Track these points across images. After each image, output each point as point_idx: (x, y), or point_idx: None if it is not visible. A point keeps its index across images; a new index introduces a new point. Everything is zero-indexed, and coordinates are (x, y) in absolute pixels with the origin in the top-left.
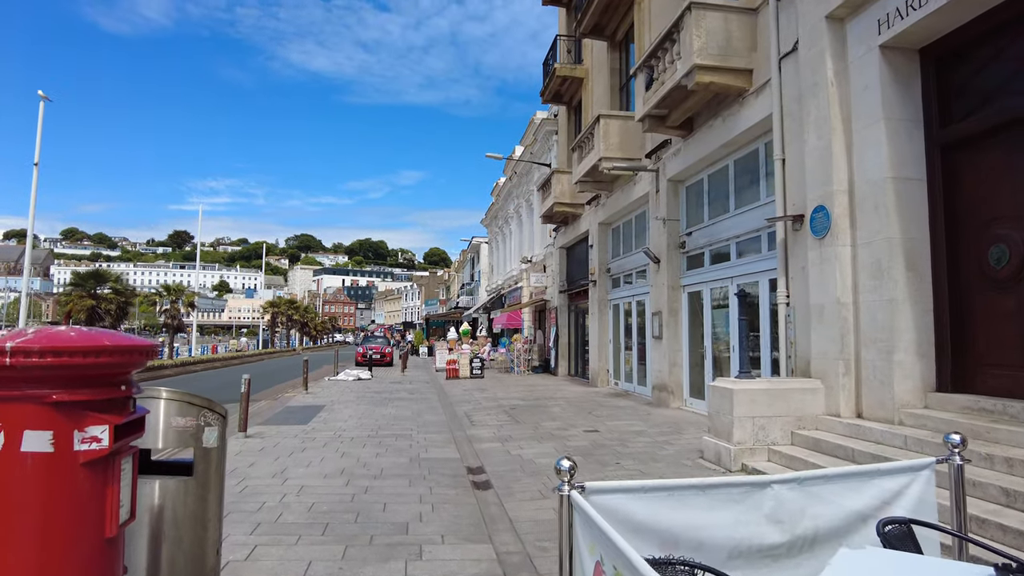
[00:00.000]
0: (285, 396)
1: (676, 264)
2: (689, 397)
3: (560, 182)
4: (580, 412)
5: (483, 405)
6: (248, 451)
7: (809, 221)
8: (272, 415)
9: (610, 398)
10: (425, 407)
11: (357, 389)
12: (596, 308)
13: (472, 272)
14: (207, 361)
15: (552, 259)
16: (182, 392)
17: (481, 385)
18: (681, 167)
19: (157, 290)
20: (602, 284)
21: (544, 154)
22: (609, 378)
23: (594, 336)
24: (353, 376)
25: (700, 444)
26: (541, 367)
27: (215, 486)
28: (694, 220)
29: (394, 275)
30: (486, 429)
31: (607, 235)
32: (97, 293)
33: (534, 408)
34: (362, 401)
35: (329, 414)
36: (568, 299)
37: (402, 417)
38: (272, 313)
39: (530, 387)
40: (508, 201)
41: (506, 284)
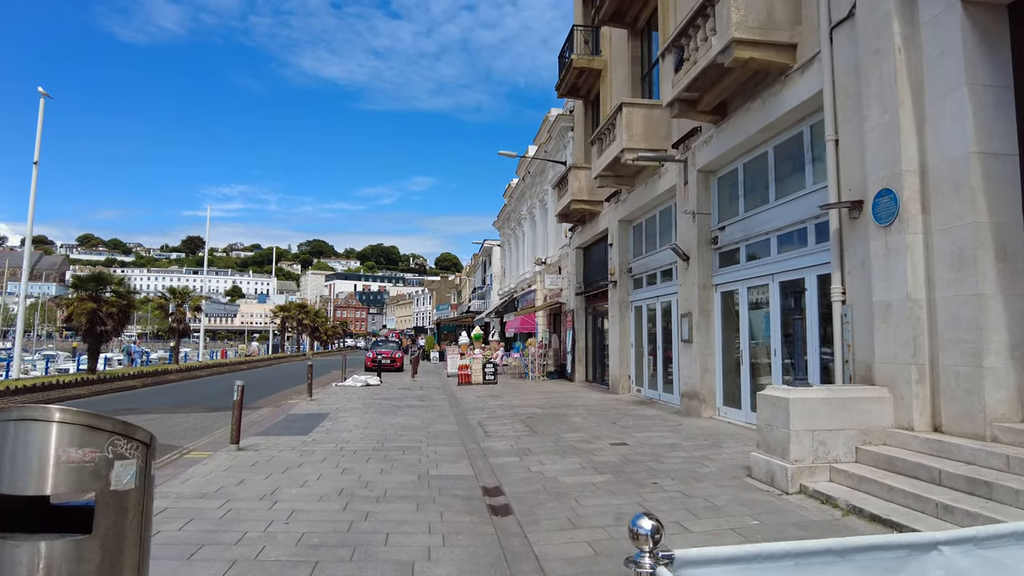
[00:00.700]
0: (288, 403)
1: (707, 261)
2: (723, 406)
3: (577, 178)
4: (603, 422)
5: (497, 414)
6: (239, 467)
7: (871, 207)
8: (271, 424)
9: (634, 406)
10: (436, 415)
11: (365, 396)
12: (616, 310)
13: (484, 276)
14: (214, 366)
15: (568, 260)
16: (83, 413)
17: (494, 392)
18: (713, 156)
19: (163, 294)
20: (623, 285)
21: (559, 152)
22: (631, 385)
23: (614, 340)
24: (361, 382)
25: (745, 460)
26: (556, 373)
27: (131, 546)
28: (727, 213)
29: (406, 280)
30: (502, 441)
31: (628, 233)
32: (99, 296)
33: (553, 417)
34: (369, 409)
35: (333, 423)
36: (585, 301)
37: (411, 427)
38: (282, 318)
39: (546, 394)
40: (521, 202)
41: (519, 287)
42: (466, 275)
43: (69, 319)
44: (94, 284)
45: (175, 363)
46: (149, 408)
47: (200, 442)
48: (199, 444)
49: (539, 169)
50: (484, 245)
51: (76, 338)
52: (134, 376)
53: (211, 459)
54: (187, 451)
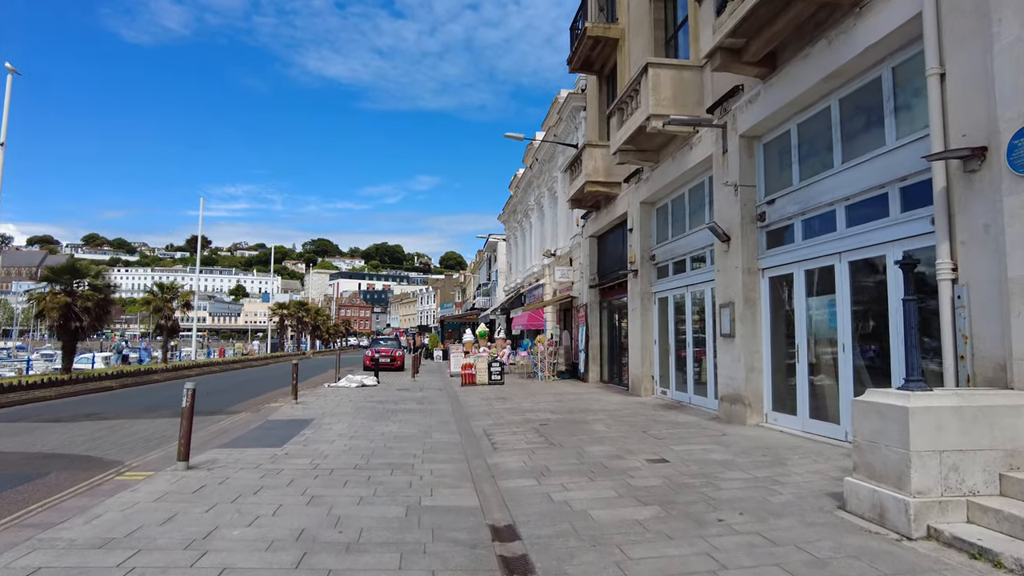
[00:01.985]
0: (270, 407)
1: (752, 242)
2: (772, 411)
3: (592, 157)
4: (632, 431)
5: (506, 419)
6: (177, 494)
7: (1006, 153)
8: (243, 433)
9: (662, 411)
10: (435, 422)
11: (357, 398)
12: (637, 303)
13: (489, 272)
14: (204, 365)
15: (580, 250)
16: None
17: (502, 393)
18: (759, 117)
19: (151, 289)
20: (645, 274)
21: (570, 135)
22: (654, 386)
23: (635, 336)
24: (356, 382)
25: (828, 484)
26: (568, 372)
27: None
28: (777, 184)
29: (410, 279)
30: (513, 456)
31: (651, 216)
32: (73, 290)
33: (571, 425)
34: (359, 414)
35: (314, 432)
36: (599, 295)
37: (405, 436)
38: (281, 316)
39: (559, 396)
40: (528, 192)
41: (526, 282)
42: (470, 272)
43: (41, 315)
44: (68, 277)
45: (163, 362)
46: (113, 412)
47: (148, 457)
48: (145, 460)
49: (548, 155)
50: (489, 240)
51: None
52: (113, 376)
53: (146, 483)
54: (124, 470)
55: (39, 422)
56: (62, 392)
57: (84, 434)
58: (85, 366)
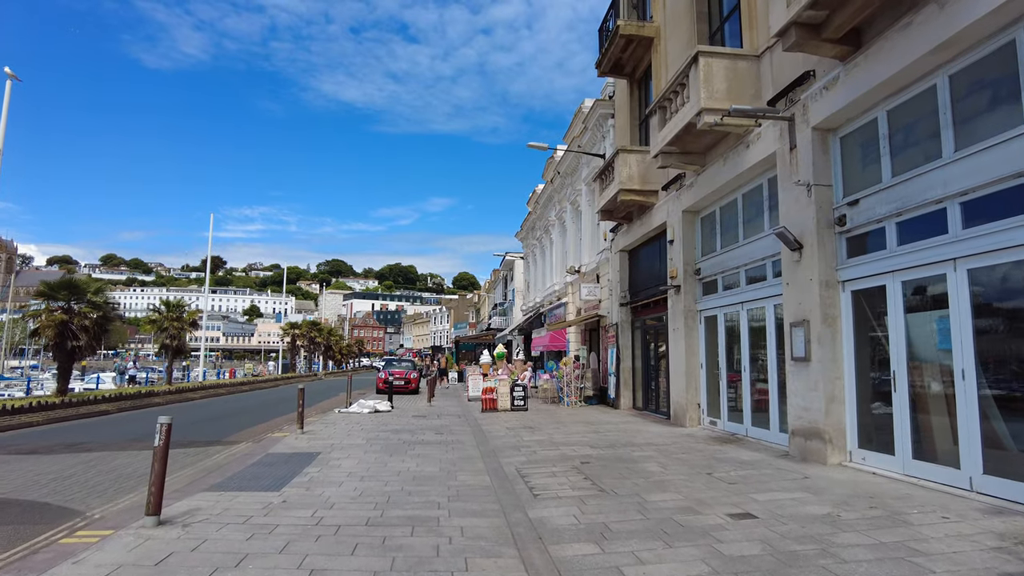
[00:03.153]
0: (273, 437)
1: (829, 250)
2: (859, 449)
3: (627, 164)
4: (694, 473)
5: (540, 455)
6: (133, 567)
7: None
8: (237, 471)
9: (717, 446)
10: (458, 457)
11: (370, 427)
12: (680, 322)
13: (505, 291)
14: (210, 387)
15: (609, 266)
16: None
17: (528, 421)
18: (839, 105)
19: (155, 307)
20: (688, 290)
21: (596, 145)
22: (701, 416)
23: (677, 359)
24: (369, 408)
25: (998, 562)
26: (596, 397)
27: None
28: (860, 182)
29: (423, 299)
30: (559, 507)
31: (694, 226)
32: (71, 307)
33: (618, 463)
34: (373, 446)
35: (320, 470)
36: (631, 313)
37: (425, 477)
38: (293, 335)
39: (593, 426)
40: (548, 208)
41: (546, 301)
42: (485, 292)
43: (36, 333)
44: (65, 293)
45: (168, 384)
46: (98, 442)
47: (117, 505)
48: (110, 511)
49: (571, 168)
50: (505, 258)
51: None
52: (110, 399)
53: (97, 549)
54: (79, 525)
55: (11, 454)
56: (52, 417)
57: (53, 471)
58: (94, 386)
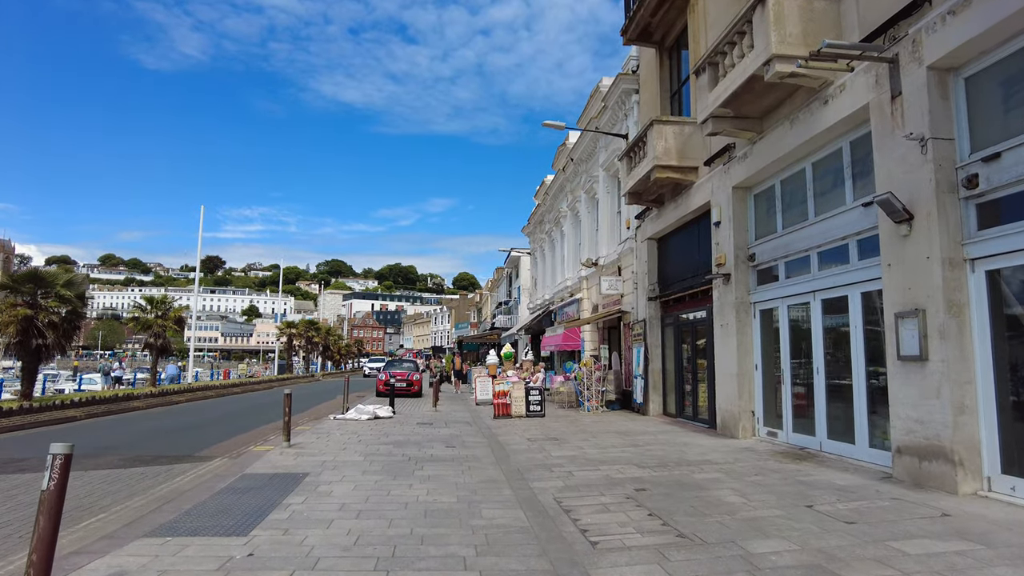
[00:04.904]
0: (254, 452)
1: (953, 220)
2: (1001, 475)
3: (662, 136)
4: (787, 504)
5: (579, 478)
6: None
7: None
8: (199, 502)
9: (792, 464)
10: (479, 481)
11: (369, 437)
12: (730, 317)
13: (510, 290)
14: (197, 390)
15: (633, 257)
16: None
17: (549, 430)
18: (961, 39)
19: (139, 303)
20: (740, 280)
21: (618, 123)
22: (756, 426)
23: (726, 360)
24: (368, 414)
25: None
26: (618, 402)
27: None
28: (997, 132)
29: (423, 299)
30: (634, 566)
31: (747, 204)
32: (37, 302)
33: (681, 489)
34: (372, 464)
35: (305, 501)
36: (661, 308)
37: (441, 511)
38: (289, 335)
39: (628, 437)
40: (559, 199)
41: (556, 298)
42: (488, 291)
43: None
44: (31, 286)
45: (151, 386)
46: (38, 459)
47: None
48: None
49: (586, 153)
50: (511, 255)
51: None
52: (80, 403)
53: None
54: None
55: None
56: (1, 426)
57: None
58: (84, 388)
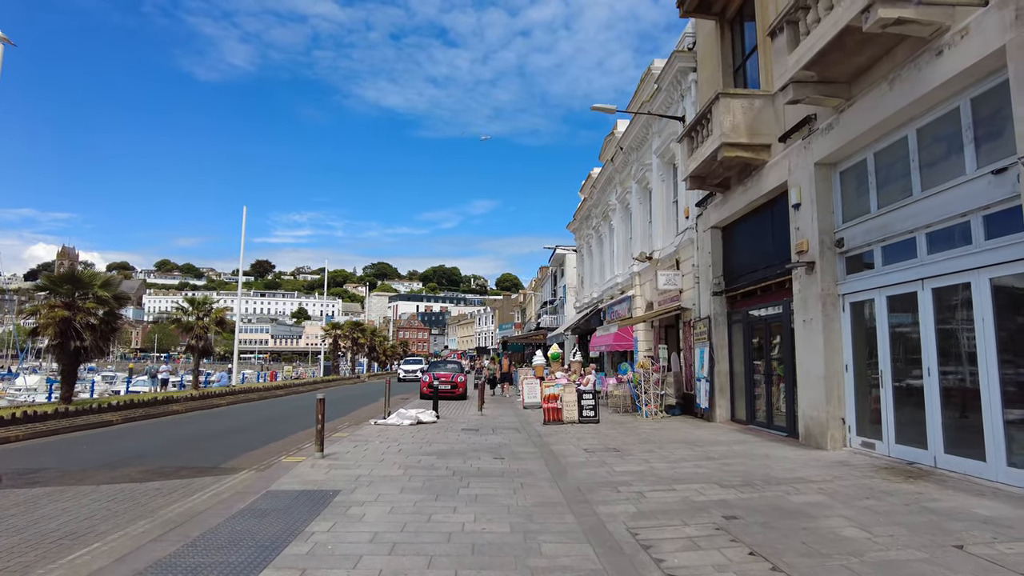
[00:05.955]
0: (284, 463)
1: None
2: None
3: (730, 111)
4: (926, 542)
5: (653, 500)
6: None
7: None
8: (211, 527)
9: (906, 484)
10: (534, 504)
11: (410, 446)
12: (814, 310)
13: (555, 289)
14: (240, 392)
15: (694, 248)
16: None
17: (607, 438)
18: None
19: (180, 305)
20: (826, 268)
21: (673, 105)
22: (847, 435)
23: (809, 359)
24: (410, 419)
25: None
26: (679, 406)
27: None
28: None
29: (467, 300)
30: None
31: (831, 183)
32: (75, 303)
33: (781, 518)
34: (412, 480)
35: (332, 528)
36: (727, 304)
37: (491, 546)
38: (334, 336)
39: (697, 448)
40: (608, 192)
41: (605, 296)
42: (532, 290)
43: (36, 332)
44: (69, 287)
45: (193, 388)
46: (58, 469)
47: None
48: None
49: (637, 141)
50: (556, 252)
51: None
52: (117, 407)
53: None
54: None
55: None
56: (37, 431)
57: None
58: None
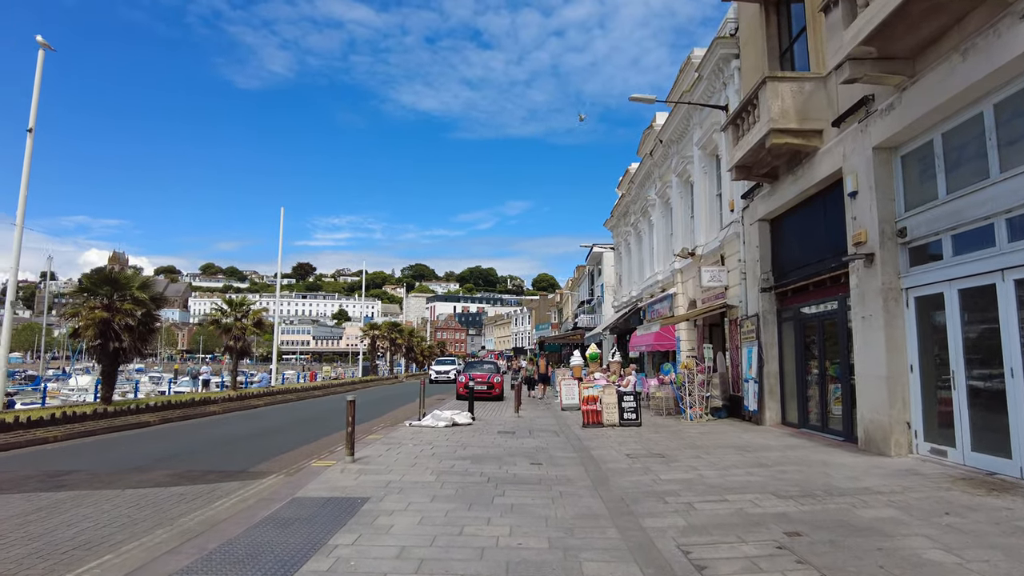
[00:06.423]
0: (313, 467)
1: None
2: None
3: (778, 95)
4: None
5: (704, 513)
6: None
7: None
8: (231, 538)
9: (989, 498)
10: (574, 515)
11: (445, 449)
12: (875, 305)
13: (592, 288)
14: (277, 393)
15: (740, 242)
16: None
17: (650, 443)
18: None
19: (218, 306)
20: (886, 260)
21: (715, 94)
22: (913, 440)
23: (870, 359)
24: (445, 420)
25: None
26: (725, 409)
27: None
28: None
29: (503, 301)
30: None
31: (892, 168)
32: (113, 304)
33: (851, 535)
34: (445, 487)
35: (357, 541)
36: (777, 300)
37: (527, 561)
38: (372, 336)
39: (748, 453)
40: (647, 187)
41: (645, 294)
42: (568, 290)
43: (76, 334)
44: (108, 288)
45: (232, 389)
46: (87, 472)
47: None
48: None
49: (677, 134)
50: (592, 251)
51: (80, 357)
52: (156, 408)
53: None
54: None
55: None
56: (73, 431)
57: None
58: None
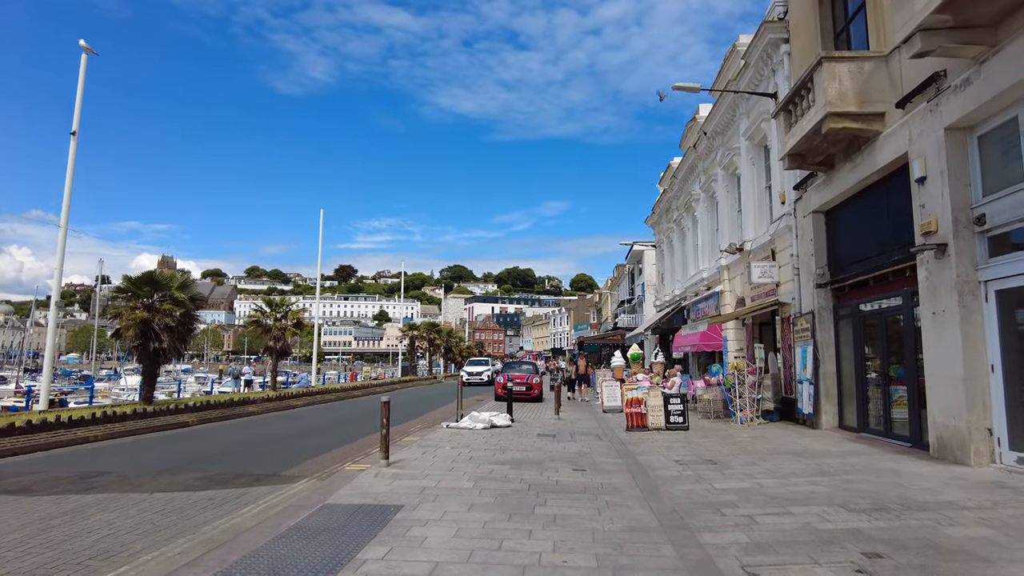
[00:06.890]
0: (346, 472)
1: None
2: None
3: (835, 77)
4: None
5: (768, 528)
6: None
7: None
8: (253, 550)
9: None
10: (623, 529)
11: (483, 453)
12: (948, 300)
13: (632, 287)
14: (316, 393)
15: (793, 235)
16: None
17: (700, 448)
18: None
19: (258, 307)
20: (961, 251)
21: (763, 82)
22: (996, 448)
23: (943, 359)
24: (483, 422)
25: None
26: (777, 412)
27: None
28: None
29: (541, 301)
30: None
31: (967, 150)
32: (153, 304)
33: (942, 558)
34: (483, 493)
35: (387, 555)
36: (833, 297)
37: None
38: (411, 337)
39: (807, 460)
40: (690, 181)
41: (689, 292)
42: (607, 290)
43: (118, 334)
44: (148, 289)
45: (271, 389)
46: (117, 474)
47: None
48: None
49: (723, 124)
50: (633, 249)
51: (130, 358)
52: (195, 408)
53: None
54: None
55: None
56: (112, 431)
57: None
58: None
